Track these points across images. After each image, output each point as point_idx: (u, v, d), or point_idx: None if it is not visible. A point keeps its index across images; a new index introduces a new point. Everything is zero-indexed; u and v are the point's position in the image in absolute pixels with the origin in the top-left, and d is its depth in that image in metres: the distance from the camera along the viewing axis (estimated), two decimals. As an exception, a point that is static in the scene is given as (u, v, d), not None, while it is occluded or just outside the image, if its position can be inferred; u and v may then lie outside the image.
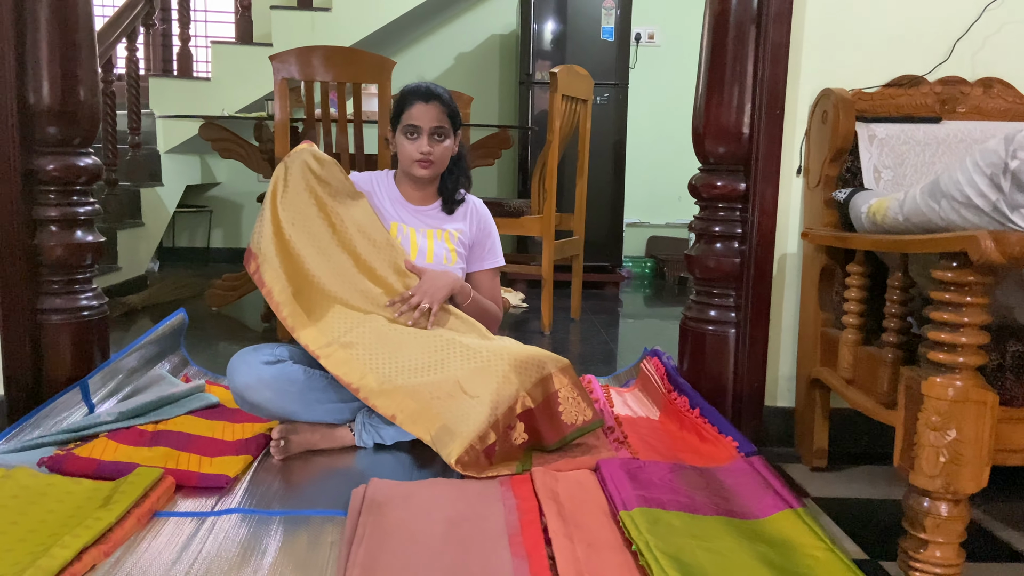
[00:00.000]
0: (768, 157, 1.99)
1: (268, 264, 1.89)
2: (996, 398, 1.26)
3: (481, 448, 1.68)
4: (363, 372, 1.81)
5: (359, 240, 1.98)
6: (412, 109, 1.95)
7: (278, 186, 1.97)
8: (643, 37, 5.24)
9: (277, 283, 1.88)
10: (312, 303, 1.90)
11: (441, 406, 1.75)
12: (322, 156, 2.02)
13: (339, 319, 1.88)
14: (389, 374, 1.80)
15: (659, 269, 5.14)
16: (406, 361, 1.82)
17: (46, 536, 1.35)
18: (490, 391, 1.74)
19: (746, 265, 2.04)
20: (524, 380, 1.77)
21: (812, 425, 1.94)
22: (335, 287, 1.92)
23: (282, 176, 1.98)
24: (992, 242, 1.16)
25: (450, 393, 1.77)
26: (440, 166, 2.01)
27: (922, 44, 1.98)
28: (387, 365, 1.82)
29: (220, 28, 5.53)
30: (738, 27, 1.98)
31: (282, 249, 1.92)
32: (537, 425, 1.78)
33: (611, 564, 1.33)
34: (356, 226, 1.99)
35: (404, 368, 1.81)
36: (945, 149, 1.87)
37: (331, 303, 1.90)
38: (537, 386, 1.78)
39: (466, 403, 1.74)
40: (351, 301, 1.91)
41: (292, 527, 1.48)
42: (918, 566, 1.34)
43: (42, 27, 1.98)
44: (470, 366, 1.79)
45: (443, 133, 1.97)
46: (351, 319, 1.88)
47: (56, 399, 1.97)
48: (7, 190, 1.97)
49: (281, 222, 1.93)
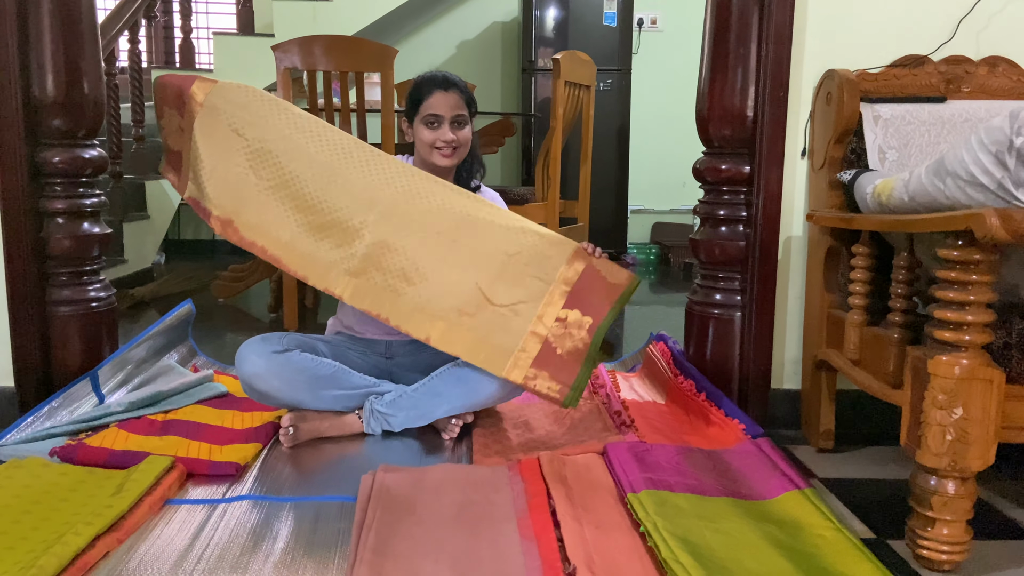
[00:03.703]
0: (772, 139, 1.99)
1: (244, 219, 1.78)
2: (1002, 376, 1.27)
3: (536, 355, 1.70)
4: (381, 301, 1.76)
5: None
6: (431, 99, 1.94)
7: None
8: (646, 22, 5.22)
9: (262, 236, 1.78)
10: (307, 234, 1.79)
11: (475, 322, 1.73)
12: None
13: (336, 236, 1.78)
14: (416, 298, 1.76)
15: (664, 255, 5.14)
16: (431, 274, 1.76)
17: (59, 524, 1.37)
18: (523, 295, 1.73)
19: (751, 248, 2.04)
20: (555, 268, 1.75)
21: (818, 407, 1.95)
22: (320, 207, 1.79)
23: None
24: (997, 220, 1.16)
25: (479, 306, 1.74)
26: (462, 153, 2.00)
27: (926, 23, 1.97)
28: (415, 290, 1.76)
29: (222, 19, 5.53)
30: (741, 9, 1.98)
31: (249, 195, 1.79)
32: (587, 296, 1.75)
33: (619, 546, 1.34)
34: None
35: (430, 283, 1.76)
36: (950, 129, 1.86)
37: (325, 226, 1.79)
38: (571, 265, 1.76)
39: (501, 314, 1.73)
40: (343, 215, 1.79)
41: (302, 513, 1.49)
42: (926, 544, 1.35)
43: (45, 20, 1.98)
44: (496, 266, 1.75)
45: (463, 120, 1.97)
46: (349, 234, 1.78)
47: (66, 390, 1.98)
48: (14, 183, 1.98)
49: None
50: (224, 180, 1.80)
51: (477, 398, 1.87)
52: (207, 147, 1.81)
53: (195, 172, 1.83)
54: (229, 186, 1.80)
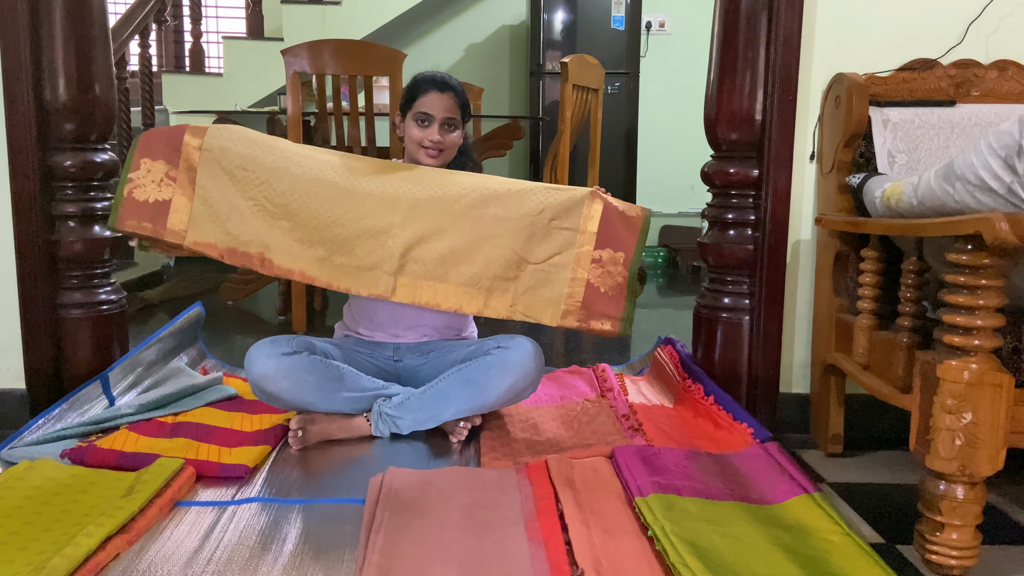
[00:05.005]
0: (781, 143, 1.99)
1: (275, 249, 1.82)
2: (1012, 380, 1.26)
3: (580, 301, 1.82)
4: (432, 290, 1.83)
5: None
6: (426, 97, 1.95)
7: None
8: (654, 25, 5.22)
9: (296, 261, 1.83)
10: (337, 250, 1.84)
11: (520, 284, 1.83)
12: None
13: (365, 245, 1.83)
14: (461, 277, 1.83)
15: (672, 258, 5.13)
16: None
17: (70, 525, 1.38)
18: (557, 246, 1.82)
19: (760, 252, 2.04)
20: (578, 215, 1.82)
21: (827, 411, 1.94)
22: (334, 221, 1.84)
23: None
24: (1007, 224, 1.16)
25: (520, 268, 1.83)
26: (448, 156, 2.01)
27: (935, 27, 1.97)
28: (458, 271, 1.83)
29: (231, 23, 5.56)
30: (749, 13, 1.98)
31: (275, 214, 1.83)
32: (614, 233, 1.82)
33: (627, 549, 1.34)
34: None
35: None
36: (960, 133, 1.86)
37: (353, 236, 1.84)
38: (590, 207, 1.83)
39: (542, 270, 1.83)
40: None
41: (311, 515, 1.50)
42: (935, 549, 1.34)
43: (57, 24, 2.00)
44: (524, 228, 1.83)
45: (454, 124, 1.97)
46: (375, 239, 1.83)
47: (77, 392, 1.99)
48: (26, 186, 2.00)
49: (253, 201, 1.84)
50: (243, 215, 1.83)
51: (485, 400, 1.88)
52: (218, 189, 1.84)
53: (207, 214, 1.84)
54: (252, 219, 1.83)
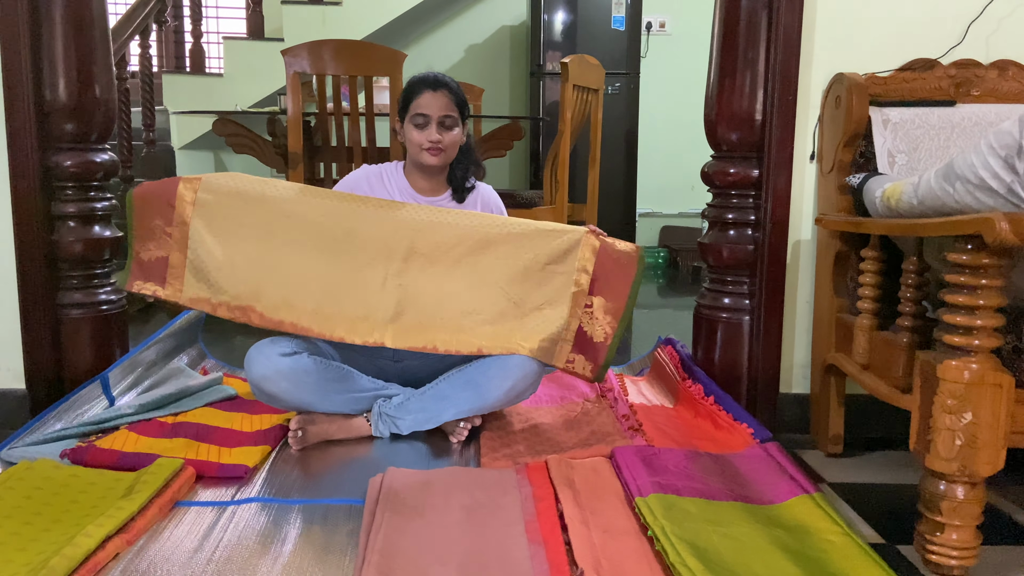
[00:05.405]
0: (781, 143, 1.99)
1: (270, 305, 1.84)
2: (1012, 380, 1.26)
3: (570, 339, 1.87)
4: (426, 336, 1.86)
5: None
6: (420, 98, 1.95)
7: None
8: (654, 26, 5.21)
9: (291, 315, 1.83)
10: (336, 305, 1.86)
11: (517, 325, 1.88)
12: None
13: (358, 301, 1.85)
14: (459, 322, 1.87)
15: (672, 259, 5.13)
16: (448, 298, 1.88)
17: (70, 526, 1.38)
18: (551, 292, 1.88)
19: (760, 252, 2.04)
20: (573, 258, 1.87)
21: (827, 411, 1.94)
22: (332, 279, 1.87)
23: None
24: (1007, 224, 1.16)
25: (516, 311, 1.88)
26: (450, 154, 2.01)
27: (936, 27, 1.97)
28: (454, 316, 1.87)
29: (232, 24, 5.56)
30: (749, 13, 1.98)
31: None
32: (607, 280, 1.87)
33: (627, 549, 1.34)
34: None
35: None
36: (960, 133, 1.85)
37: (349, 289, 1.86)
38: (583, 250, 1.87)
39: (538, 314, 1.88)
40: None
41: (311, 515, 1.50)
42: (935, 549, 1.34)
43: (57, 25, 2.00)
44: (519, 272, 1.87)
45: (452, 121, 1.97)
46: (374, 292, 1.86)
47: (77, 392, 1.99)
48: (26, 186, 2.00)
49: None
50: (234, 268, 1.84)
51: (485, 401, 1.88)
52: (211, 241, 1.84)
53: (198, 270, 1.84)
54: (242, 273, 1.84)
